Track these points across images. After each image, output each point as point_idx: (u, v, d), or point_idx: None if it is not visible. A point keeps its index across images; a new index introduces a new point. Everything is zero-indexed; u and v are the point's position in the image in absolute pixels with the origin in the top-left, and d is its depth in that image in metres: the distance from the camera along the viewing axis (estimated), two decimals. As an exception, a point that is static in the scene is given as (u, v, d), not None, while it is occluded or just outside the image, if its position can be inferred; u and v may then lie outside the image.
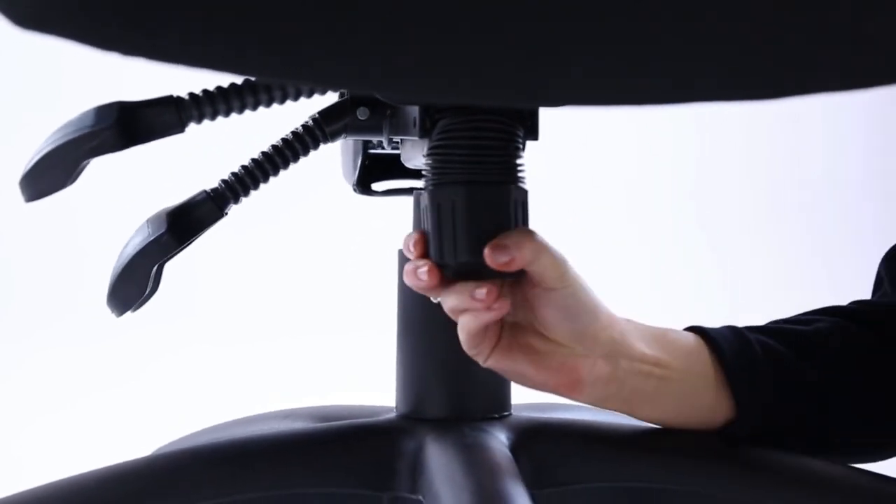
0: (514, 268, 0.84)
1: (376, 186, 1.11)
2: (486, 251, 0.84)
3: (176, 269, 1.03)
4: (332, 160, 1.15)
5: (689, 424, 0.94)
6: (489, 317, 0.86)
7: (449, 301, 0.87)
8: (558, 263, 0.86)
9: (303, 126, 0.99)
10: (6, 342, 2.12)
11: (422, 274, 0.86)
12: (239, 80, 0.95)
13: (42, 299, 2.24)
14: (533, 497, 0.86)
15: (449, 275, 0.88)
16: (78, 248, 2.21)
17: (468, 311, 0.86)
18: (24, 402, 1.88)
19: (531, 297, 0.87)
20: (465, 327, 0.87)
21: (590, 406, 0.93)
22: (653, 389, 0.91)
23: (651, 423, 0.95)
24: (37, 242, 2.29)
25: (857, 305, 1.00)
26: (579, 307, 0.87)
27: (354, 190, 1.11)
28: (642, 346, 0.90)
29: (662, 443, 0.95)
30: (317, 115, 0.99)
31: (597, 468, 0.95)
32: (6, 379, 1.99)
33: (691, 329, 0.95)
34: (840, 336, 0.96)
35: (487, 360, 0.89)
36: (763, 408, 0.93)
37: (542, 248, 0.85)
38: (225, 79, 0.95)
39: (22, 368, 2.04)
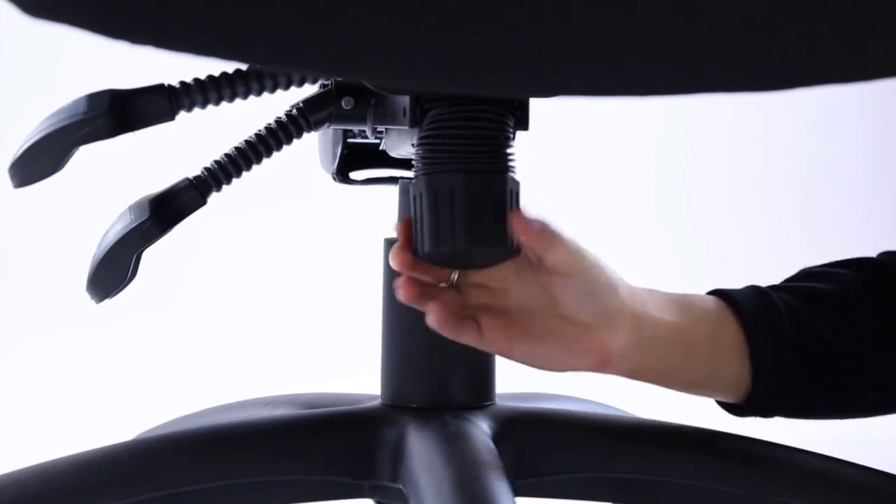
0: (531, 243, 0.85)
1: (355, 175, 1.11)
2: (519, 217, 0.85)
3: (163, 258, 1.03)
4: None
5: (719, 393, 0.93)
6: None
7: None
8: (573, 252, 0.86)
9: (286, 115, 0.99)
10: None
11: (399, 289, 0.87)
12: (230, 68, 0.95)
13: (31, 286, 2.23)
14: (515, 487, 0.86)
15: (441, 263, 0.89)
16: (65, 235, 2.20)
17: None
18: (14, 390, 1.87)
19: (548, 285, 0.87)
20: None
21: (577, 397, 0.94)
22: (681, 359, 0.90)
23: (684, 392, 0.94)
24: (25, 229, 2.27)
25: (888, 258, 0.98)
26: (599, 286, 0.87)
27: (334, 179, 1.11)
28: (662, 314, 0.90)
29: (647, 434, 0.96)
30: (301, 104, 0.99)
31: (580, 458, 0.95)
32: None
33: (715, 293, 0.95)
34: (869, 298, 0.94)
35: (512, 352, 0.89)
36: (779, 389, 0.92)
37: (556, 239, 0.86)
38: (215, 67, 0.95)
39: (11, 356, 2.03)
